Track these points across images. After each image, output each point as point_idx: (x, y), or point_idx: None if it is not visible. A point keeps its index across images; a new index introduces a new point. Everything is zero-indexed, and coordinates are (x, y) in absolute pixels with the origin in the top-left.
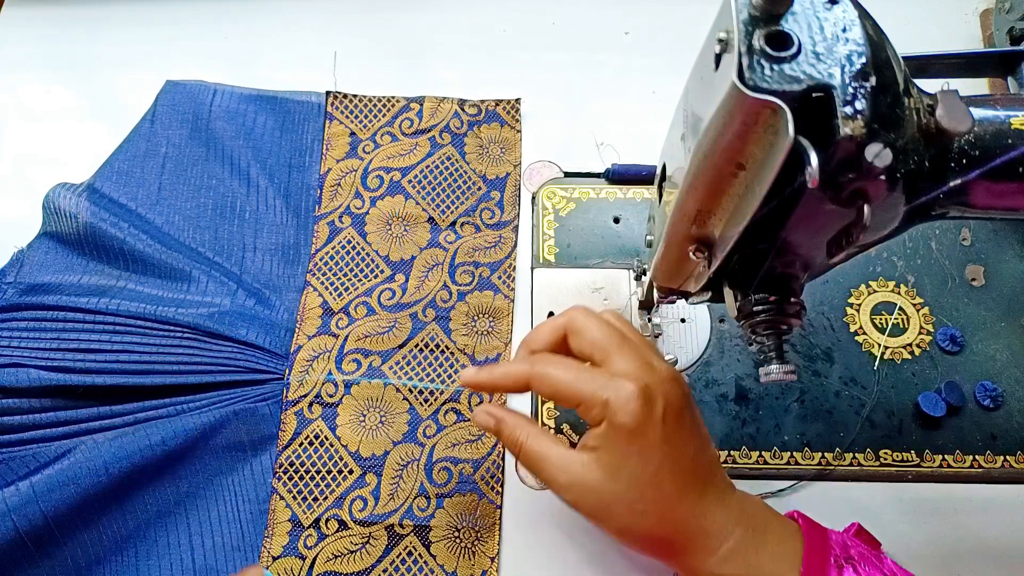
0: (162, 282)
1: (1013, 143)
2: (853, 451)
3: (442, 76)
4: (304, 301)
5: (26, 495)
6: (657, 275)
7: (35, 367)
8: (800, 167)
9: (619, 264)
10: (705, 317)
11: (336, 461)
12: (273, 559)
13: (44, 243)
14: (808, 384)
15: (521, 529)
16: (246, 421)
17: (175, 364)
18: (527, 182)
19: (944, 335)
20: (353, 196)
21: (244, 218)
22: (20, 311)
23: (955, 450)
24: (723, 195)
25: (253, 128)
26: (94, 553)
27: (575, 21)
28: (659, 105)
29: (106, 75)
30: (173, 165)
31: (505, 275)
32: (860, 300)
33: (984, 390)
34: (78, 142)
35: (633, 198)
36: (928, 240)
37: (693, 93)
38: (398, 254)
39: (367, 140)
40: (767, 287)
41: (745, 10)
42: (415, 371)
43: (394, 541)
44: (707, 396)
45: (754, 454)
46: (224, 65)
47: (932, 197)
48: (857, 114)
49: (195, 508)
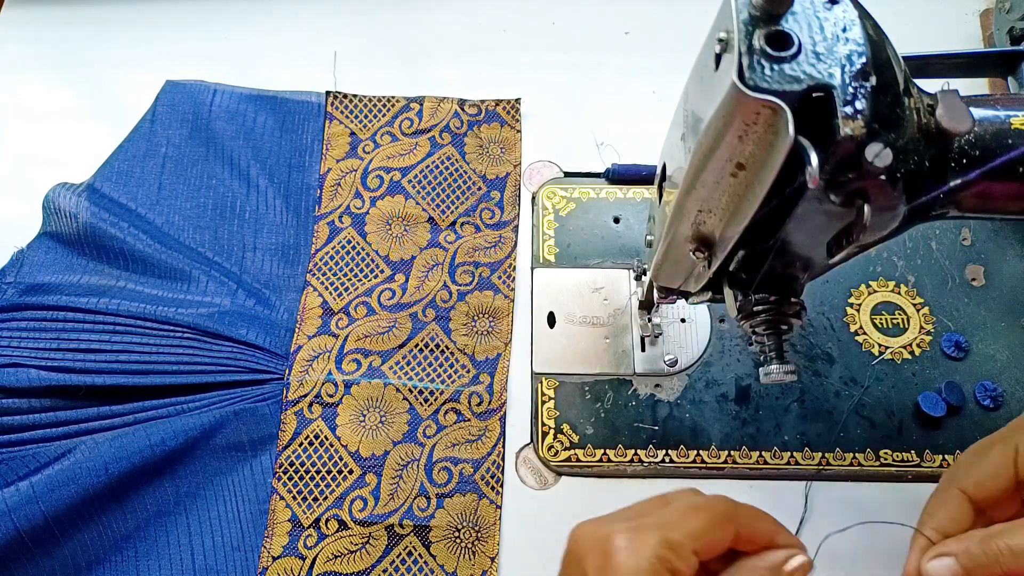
0: (162, 282)
1: (1013, 143)
2: (853, 451)
3: (442, 76)
4: (304, 301)
5: (26, 495)
6: (657, 275)
7: (35, 367)
8: (800, 167)
9: (619, 264)
10: (705, 317)
11: (336, 461)
12: (273, 559)
13: (44, 243)
14: (808, 384)
15: (521, 529)
16: (246, 421)
17: (175, 364)
18: (527, 182)
19: (949, 341)
20: (353, 196)
21: (244, 218)
22: (20, 311)
23: (955, 450)
24: (723, 195)
25: (253, 128)
26: (94, 553)
27: (575, 21)
28: (659, 105)
29: (106, 75)
30: (173, 165)
31: (505, 275)
32: (860, 300)
33: (984, 390)
34: (78, 142)
35: (633, 198)
36: (928, 240)
37: (693, 93)
38: (398, 254)
39: (367, 140)
40: (767, 287)
41: (745, 10)
42: (415, 371)
43: (394, 541)
44: (707, 396)
45: (754, 454)
46: (224, 65)
47: (932, 197)
48: (857, 114)
49: (195, 508)
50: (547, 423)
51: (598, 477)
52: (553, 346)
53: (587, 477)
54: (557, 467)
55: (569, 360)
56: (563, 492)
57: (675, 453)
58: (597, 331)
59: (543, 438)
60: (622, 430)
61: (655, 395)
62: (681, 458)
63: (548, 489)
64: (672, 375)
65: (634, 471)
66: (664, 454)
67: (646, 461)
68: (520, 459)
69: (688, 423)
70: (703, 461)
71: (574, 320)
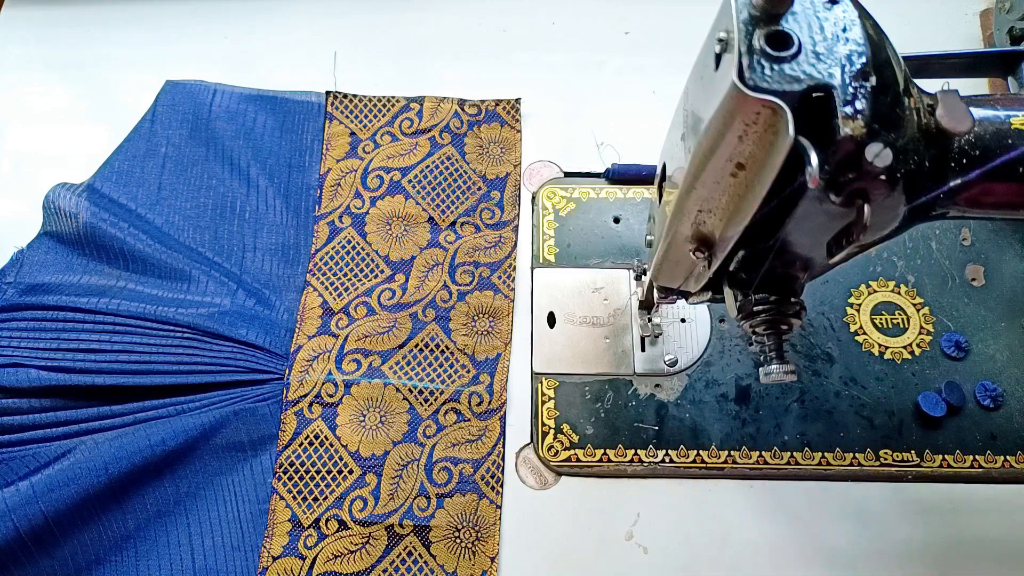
0: (162, 282)
1: (1013, 143)
2: (853, 451)
3: (442, 76)
4: (304, 301)
5: (26, 495)
6: (657, 275)
7: (35, 367)
8: (800, 167)
9: (619, 264)
10: (705, 317)
11: (336, 461)
12: (273, 559)
13: (44, 243)
14: (808, 384)
15: (521, 529)
16: (246, 421)
17: (175, 364)
18: (527, 182)
19: (949, 341)
20: (353, 196)
21: (244, 218)
22: (20, 311)
23: (955, 450)
24: (723, 195)
25: (253, 128)
26: (94, 553)
27: (575, 21)
28: (659, 105)
29: (106, 75)
30: (173, 165)
31: (505, 275)
32: (860, 300)
33: (984, 390)
34: (78, 142)
35: (633, 198)
36: (928, 240)
37: (693, 93)
38: (398, 254)
39: (367, 140)
40: (767, 287)
41: (745, 10)
42: (415, 371)
43: (394, 541)
44: (707, 396)
45: (754, 454)
46: (224, 65)
47: (932, 197)
48: (857, 114)
49: (195, 508)
50: (547, 423)
51: (598, 477)
52: (553, 346)
53: (587, 477)
54: (557, 467)
55: (569, 360)
56: (563, 492)
57: (675, 453)
58: (597, 331)
59: (543, 438)
60: (622, 430)
61: (655, 395)
62: (681, 458)
63: (548, 489)
64: (672, 375)
65: (634, 471)
66: (664, 454)
67: (646, 461)
68: (520, 459)
69: (688, 423)
70: (703, 461)
71: (574, 320)
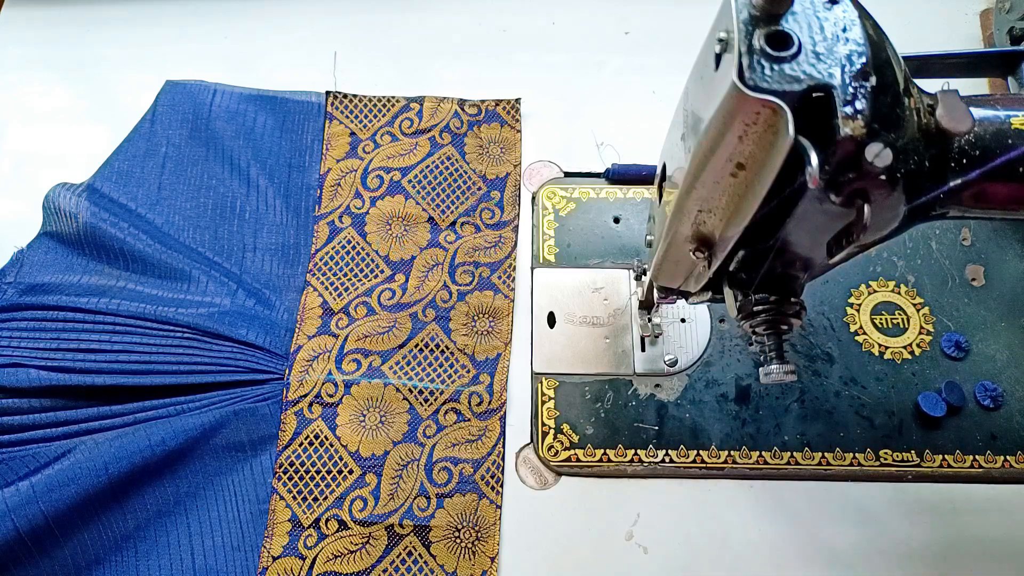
0: (162, 282)
1: (1013, 143)
2: (853, 451)
3: (442, 76)
4: (304, 301)
5: (26, 495)
6: (657, 275)
7: (35, 367)
8: (800, 167)
9: (619, 264)
10: (705, 317)
11: (336, 461)
12: (273, 559)
13: (44, 243)
14: (808, 384)
15: (521, 529)
16: (246, 421)
17: (175, 364)
18: (527, 182)
19: (949, 341)
20: (353, 196)
21: (244, 218)
22: (20, 311)
23: (955, 450)
24: (723, 195)
25: (253, 128)
26: (94, 553)
27: (575, 21)
28: (659, 105)
29: (106, 75)
30: (173, 165)
31: (505, 275)
32: (860, 300)
33: (984, 390)
34: (78, 142)
35: (633, 198)
36: (928, 240)
37: (693, 93)
38: (398, 254)
39: (367, 140)
40: (767, 287)
41: (745, 10)
42: (415, 371)
43: (394, 541)
44: (707, 396)
45: (754, 454)
46: (224, 65)
47: (932, 197)
48: (857, 114)
49: (195, 508)
50: (547, 423)
51: (598, 477)
52: (553, 346)
53: (587, 477)
54: (557, 467)
55: (569, 360)
56: (563, 492)
57: (675, 453)
58: (597, 331)
59: (543, 438)
60: (622, 430)
61: (655, 395)
62: (681, 458)
63: (548, 489)
64: (672, 375)
65: (634, 471)
66: (664, 454)
67: (646, 461)
68: (520, 459)
69: (688, 423)
70: (703, 461)
71: (574, 320)
